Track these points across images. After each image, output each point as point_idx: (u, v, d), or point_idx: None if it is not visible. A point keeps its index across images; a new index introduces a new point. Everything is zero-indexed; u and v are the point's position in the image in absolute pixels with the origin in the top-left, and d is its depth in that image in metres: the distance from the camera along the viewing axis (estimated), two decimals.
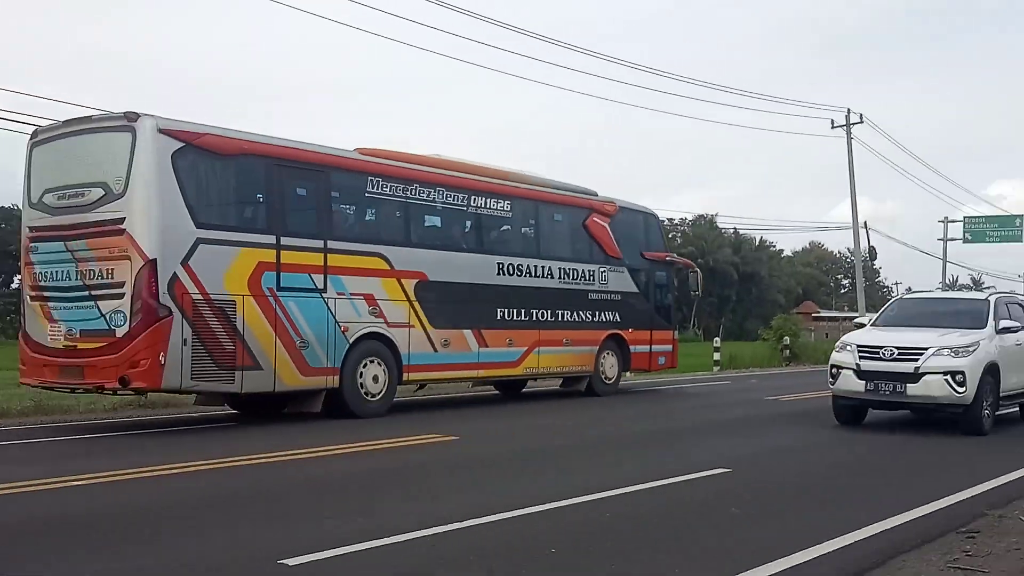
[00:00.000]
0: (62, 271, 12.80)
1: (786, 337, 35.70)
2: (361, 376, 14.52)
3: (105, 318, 12.31)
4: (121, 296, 12.18)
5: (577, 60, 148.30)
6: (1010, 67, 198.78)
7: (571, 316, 18.68)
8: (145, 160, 12.23)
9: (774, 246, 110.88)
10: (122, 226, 12.23)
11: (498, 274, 17.25)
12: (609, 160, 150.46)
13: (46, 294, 13.01)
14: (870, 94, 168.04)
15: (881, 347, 13.35)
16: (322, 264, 14.03)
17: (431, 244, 16.34)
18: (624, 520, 7.76)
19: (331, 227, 14.59)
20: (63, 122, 13.57)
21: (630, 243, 20.28)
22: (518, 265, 17.67)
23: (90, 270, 12.51)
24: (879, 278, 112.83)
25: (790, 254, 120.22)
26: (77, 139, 13.11)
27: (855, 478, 10.15)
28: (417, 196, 15.85)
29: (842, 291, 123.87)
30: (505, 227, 18.23)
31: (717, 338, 36.83)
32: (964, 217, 55.99)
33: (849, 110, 42.77)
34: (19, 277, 23.26)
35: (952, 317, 14.25)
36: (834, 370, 13.88)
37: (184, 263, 12.40)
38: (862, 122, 42.90)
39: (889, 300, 19.62)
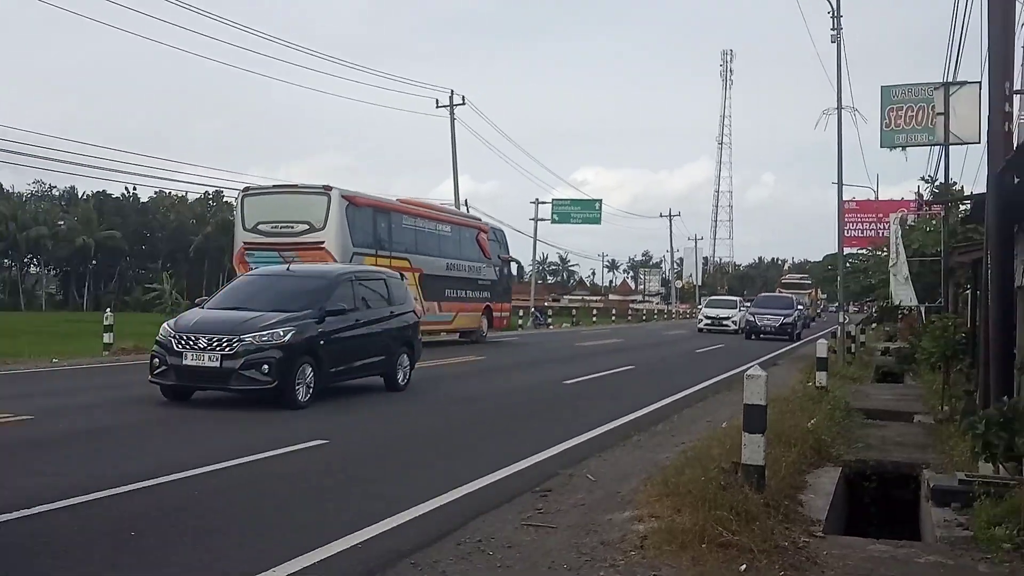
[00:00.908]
0: None
1: None
2: None
3: None
4: None
5: (169, 11, 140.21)
6: (594, 65, 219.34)
7: (473, 294, 30.15)
8: (335, 211, 22.92)
9: None
10: (323, 246, 22.52)
11: (447, 269, 28.36)
12: (209, 126, 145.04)
13: None
14: (472, 78, 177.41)
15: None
16: (388, 263, 22.64)
17: (424, 252, 27.22)
18: (216, 495, 7.48)
19: (390, 243, 25.41)
20: (273, 185, 26.47)
21: (494, 248, 32.27)
22: (454, 263, 28.98)
23: None
24: None
25: None
26: (288, 195, 24.27)
27: (441, 444, 10.62)
28: (419, 225, 27.70)
29: None
30: (448, 241, 29.14)
31: None
32: (552, 199, 60.73)
33: (452, 91, 44.79)
34: None
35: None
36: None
37: None
38: (464, 104, 44.95)
39: None
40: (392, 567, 5.76)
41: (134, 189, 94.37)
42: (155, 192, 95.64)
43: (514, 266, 35.36)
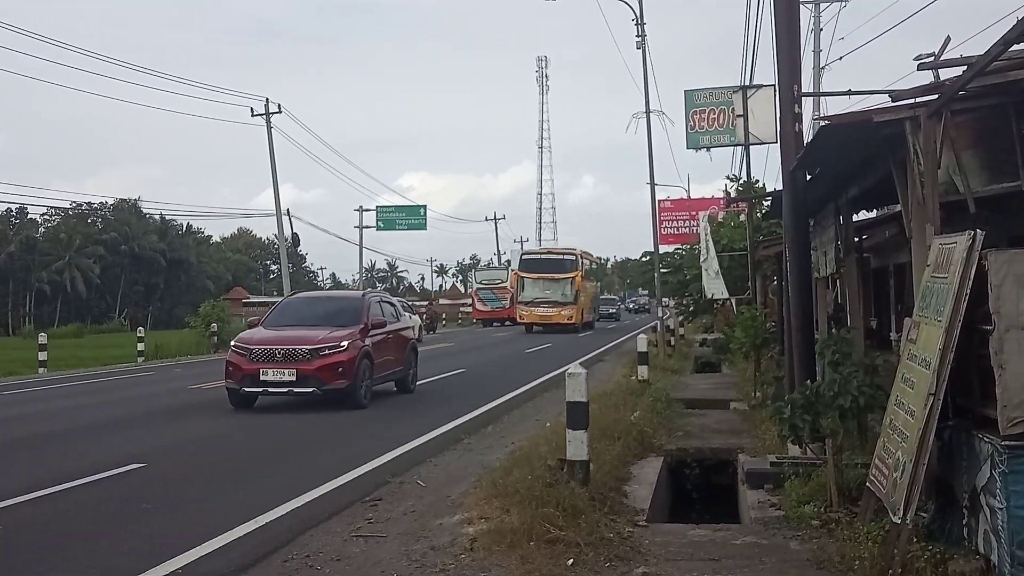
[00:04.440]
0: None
1: (214, 324, 35.31)
2: None
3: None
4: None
5: None
6: (412, 72, 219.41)
7: None
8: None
9: (202, 232, 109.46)
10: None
11: None
12: (6, 134, 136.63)
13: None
14: (289, 85, 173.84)
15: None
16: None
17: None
18: (22, 529, 7.01)
19: None
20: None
21: None
22: None
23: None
24: (306, 263, 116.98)
25: (219, 240, 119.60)
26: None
27: (266, 461, 10.33)
28: None
29: (271, 277, 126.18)
30: None
31: (141, 328, 35.19)
32: (377, 206, 60.30)
33: (268, 99, 43.54)
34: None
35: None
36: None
37: None
38: (281, 112, 43.91)
39: (298, 289, 22.01)
40: None
41: None
42: None
43: None
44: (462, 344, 36.51)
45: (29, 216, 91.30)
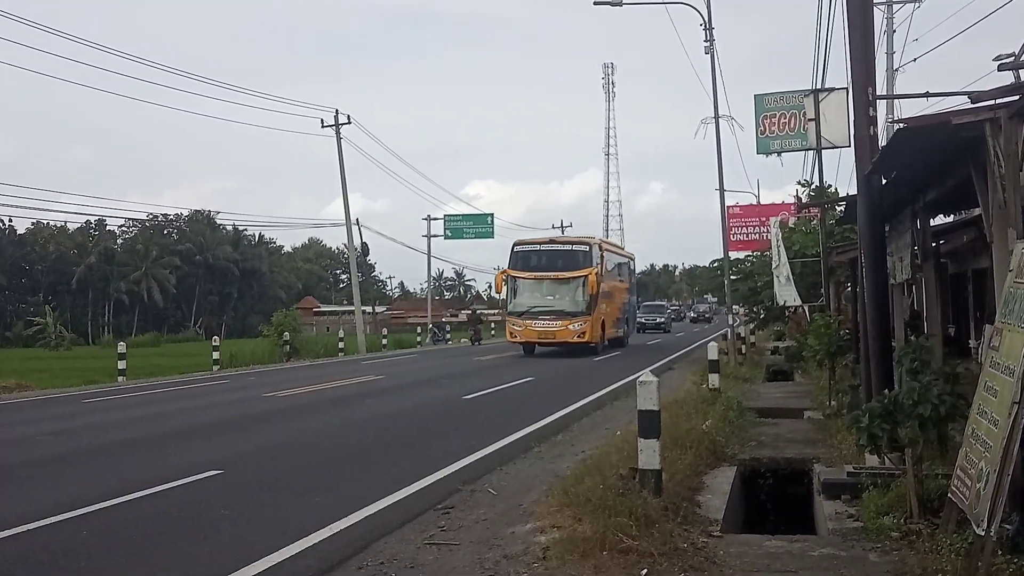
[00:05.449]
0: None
1: (286, 333, 35.92)
2: None
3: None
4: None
5: (32, 36, 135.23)
6: (481, 78, 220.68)
7: None
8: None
9: (274, 242, 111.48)
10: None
11: None
12: (82, 152, 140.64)
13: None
14: (357, 96, 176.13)
15: None
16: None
17: None
18: (104, 535, 7.20)
19: None
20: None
21: None
22: None
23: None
24: (375, 272, 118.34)
25: (290, 250, 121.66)
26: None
27: (339, 468, 10.45)
28: None
29: (341, 286, 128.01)
30: None
31: (216, 336, 35.94)
32: (444, 215, 60.61)
33: (338, 111, 44.08)
34: None
35: None
36: None
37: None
38: (350, 123, 44.47)
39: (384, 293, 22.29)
40: None
41: (10, 221, 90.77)
42: (32, 223, 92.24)
43: None
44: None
45: (108, 228, 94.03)
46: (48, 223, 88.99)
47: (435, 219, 60.62)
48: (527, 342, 32.57)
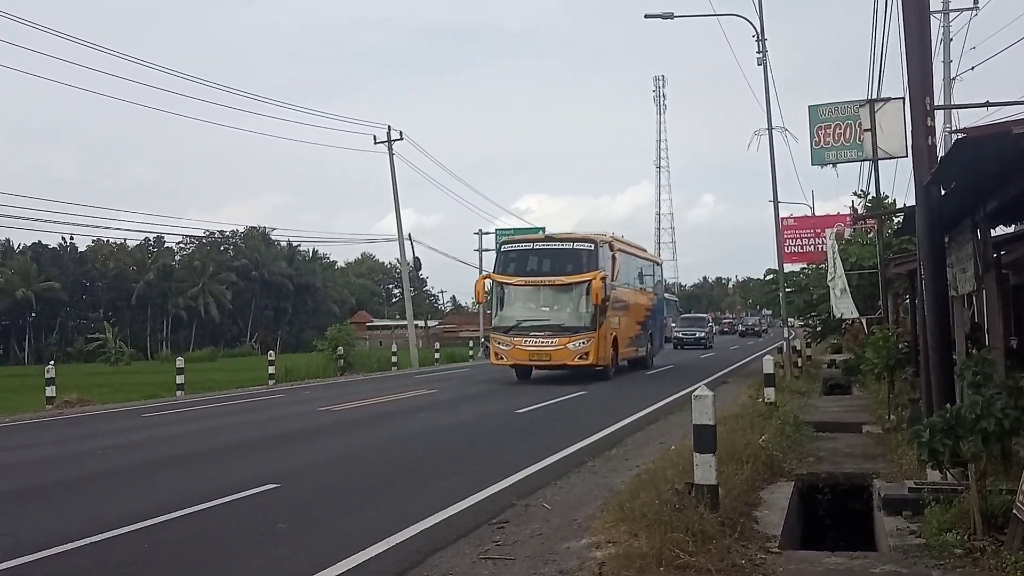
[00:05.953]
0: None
1: (340, 347, 36.25)
2: None
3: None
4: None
5: (93, 58, 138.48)
6: (532, 93, 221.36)
7: None
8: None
9: (327, 258, 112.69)
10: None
11: None
12: (142, 171, 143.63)
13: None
14: (406, 114, 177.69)
15: None
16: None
17: None
18: (163, 548, 7.32)
19: None
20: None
21: None
22: None
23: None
24: (427, 287, 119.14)
25: (343, 265, 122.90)
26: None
27: (395, 482, 10.51)
28: None
29: (393, 300, 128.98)
30: None
31: (271, 351, 36.42)
32: (496, 229, 60.74)
33: (390, 127, 44.45)
34: None
35: None
36: None
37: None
38: (402, 139, 44.82)
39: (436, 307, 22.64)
40: None
41: (71, 239, 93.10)
42: (93, 241, 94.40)
43: None
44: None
45: (166, 245, 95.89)
46: (108, 240, 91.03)
47: (487, 233, 60.89)
48: (517, 364, 26.26)
